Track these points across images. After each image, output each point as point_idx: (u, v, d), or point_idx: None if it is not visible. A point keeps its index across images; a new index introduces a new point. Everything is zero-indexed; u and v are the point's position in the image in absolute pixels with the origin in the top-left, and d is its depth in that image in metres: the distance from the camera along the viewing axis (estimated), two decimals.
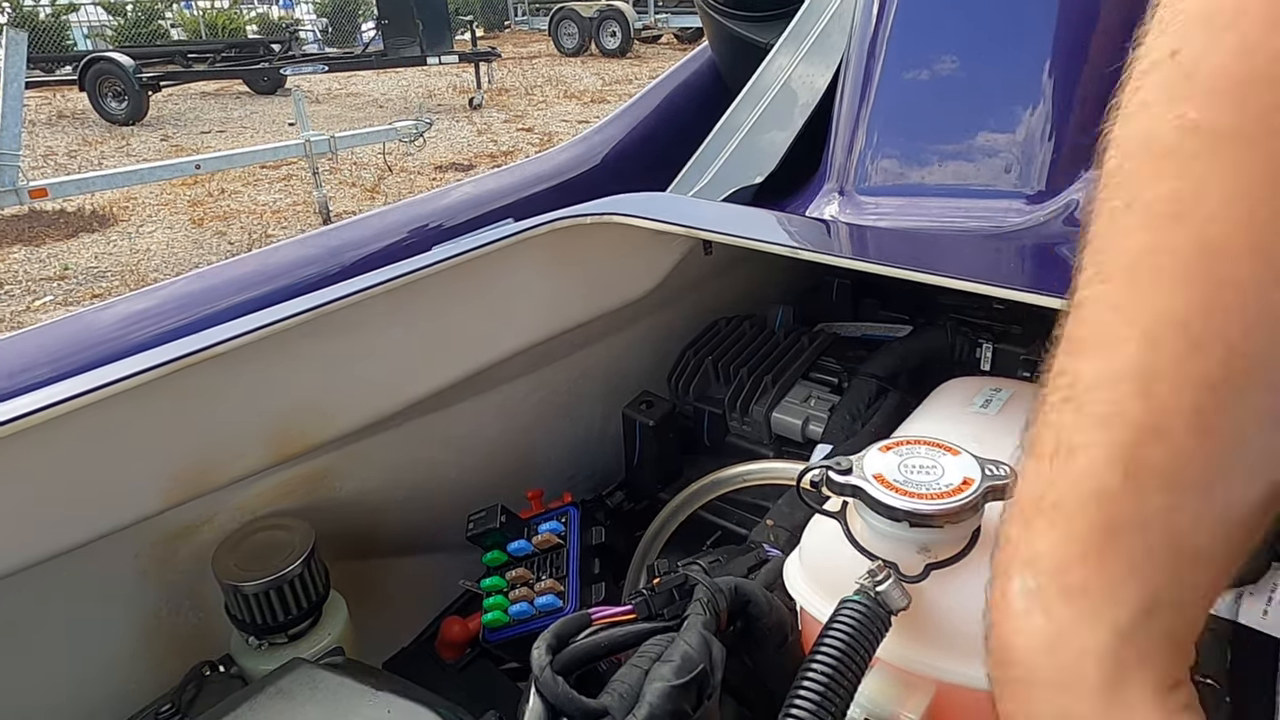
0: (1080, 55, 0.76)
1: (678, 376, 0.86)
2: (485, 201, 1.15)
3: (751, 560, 0.58)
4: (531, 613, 0.66)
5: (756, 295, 1.00)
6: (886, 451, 0.47)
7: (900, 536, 0.44)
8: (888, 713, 0.45)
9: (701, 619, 0.46)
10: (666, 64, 4.64)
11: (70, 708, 0.61)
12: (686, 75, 1.57)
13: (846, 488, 0.45)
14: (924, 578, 0.44)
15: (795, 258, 0.69)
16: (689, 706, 0.42)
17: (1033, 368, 0.75)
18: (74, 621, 0.60)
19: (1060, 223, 0.73)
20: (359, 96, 9.09)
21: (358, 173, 5.94)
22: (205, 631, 0.66)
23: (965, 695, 0.46)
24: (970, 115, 0.81)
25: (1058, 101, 0.76)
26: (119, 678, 0.63)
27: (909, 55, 0.85)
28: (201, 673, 0.59)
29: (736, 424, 0.82)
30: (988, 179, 0.78)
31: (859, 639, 0.40)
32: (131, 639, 0.63)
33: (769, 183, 0.99)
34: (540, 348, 0.81)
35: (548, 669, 0.42)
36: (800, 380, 0.83)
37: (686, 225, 0.71)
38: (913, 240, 0.75)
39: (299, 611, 0.62)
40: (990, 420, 0.58)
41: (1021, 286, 0.56)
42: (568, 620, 0.47)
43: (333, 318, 0.63)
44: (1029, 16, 0.80)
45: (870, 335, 0.91)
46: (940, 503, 0.43)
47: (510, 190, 1.19)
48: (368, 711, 0.41)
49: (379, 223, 1.05)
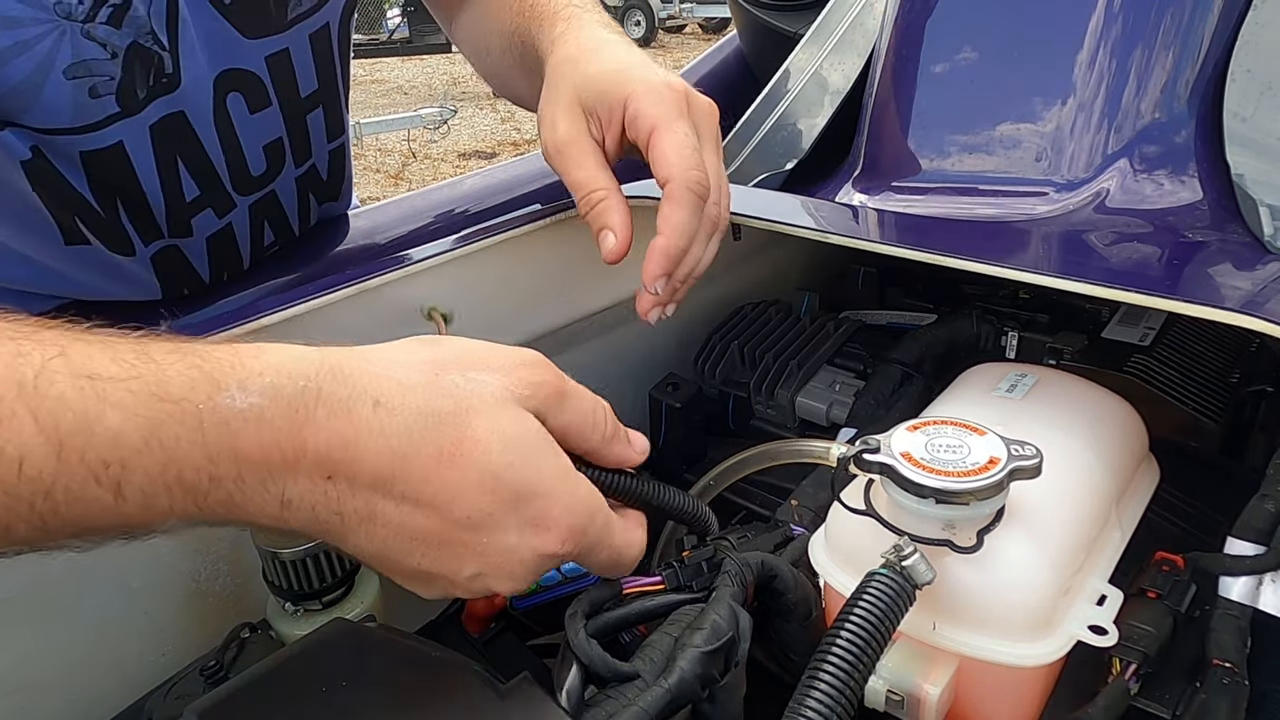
0: (1111, 45, 0.76)
1: (704, 360, 0.87)
2: (511, 187, 1.16)
3: (777, 538, 0.59)
4: (558, 579, 0.67)
5: (782, 282, 1.01)
6: (914, 431, 0.48)
7: (926, 513, 0.46)
8: (910, 684, 0.46)
9: (730, 590, 0.47)
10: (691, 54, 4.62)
11: (117, 666, 0.63)
12: (713, 65, 1.58)
13: (875, 465, 0.46)
14: (979, 547, 0.45)
15: (823, 243, 0.70)
16: (717, 672, 0.44)
17: (1059, 355, 0.75)
18: (121, 586, 0.62)
19: (1090, 210, 0.73)
20: (384, 83, 9.13)
21: (382, 159, 5.98)
22: (242, 597, 0.68)
23: (987, 669, 0.47)
24: (1000, 105, 0.81)
25: (1088, 92, 0.77)
26: (161, 639, 0.65)
27: (941, 46, 0.85)
28: (240, 634, 0.61)
29: (761, 407, 0.83)
30: (1017, 168, 0.79)
31: (883, 611, 0.41)
32: (173, 603, 0.65)
33: (798, 170, 1.00)
34: (569, 329, 0.82)
35: (582, 633, 0.44)
36: (825, 366, 0.84)
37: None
38: (941, 227, 0.76)
39: (334, 579, 0.63)
40: (1016, 404, 0.58)
41: (1050, 272, 0.57)
42: (600, 588, 0.48)
43: (359, 299, 0.65)
44: (1061, 8, 0.80)
45: (895, 323, 0.91)
46: (966, 480, 0.44)
47: (535, 177, 1.20)
48: (409, 665, 0.43)
49: (405, 207, 1.06)
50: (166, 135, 0.69)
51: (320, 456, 0.37)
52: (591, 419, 0.44)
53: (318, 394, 0.37)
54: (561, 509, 0.40)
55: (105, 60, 0.63)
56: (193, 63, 0.68)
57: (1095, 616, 0.48)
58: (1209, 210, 0.72)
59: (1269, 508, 0.53)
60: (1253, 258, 0.65)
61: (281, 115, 0.77)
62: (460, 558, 0.40)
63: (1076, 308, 0.81)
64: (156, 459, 0.35)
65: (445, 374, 0.39)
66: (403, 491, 0.38)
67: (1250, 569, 0.52)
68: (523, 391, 0.41)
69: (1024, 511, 0.48)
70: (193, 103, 0.70)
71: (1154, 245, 0.69)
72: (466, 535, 0.39)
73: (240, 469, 0.36)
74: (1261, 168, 0.71)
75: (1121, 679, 0.49)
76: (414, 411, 0.38)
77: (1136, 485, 0.59)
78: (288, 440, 0.36)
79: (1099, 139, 0.76)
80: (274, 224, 0.85)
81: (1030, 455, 0.46)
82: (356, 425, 0.37)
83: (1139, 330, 0.77)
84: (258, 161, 0.77)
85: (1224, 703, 0.47)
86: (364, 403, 0.37)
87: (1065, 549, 0.49)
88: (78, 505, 0.34)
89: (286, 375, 0.37)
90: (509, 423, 0.39)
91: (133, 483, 0.35)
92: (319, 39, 0.77)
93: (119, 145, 0.67)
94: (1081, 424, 0.57)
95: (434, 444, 0.37)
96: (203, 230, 0.77)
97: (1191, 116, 0.74)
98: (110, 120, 0.65)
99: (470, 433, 0.38)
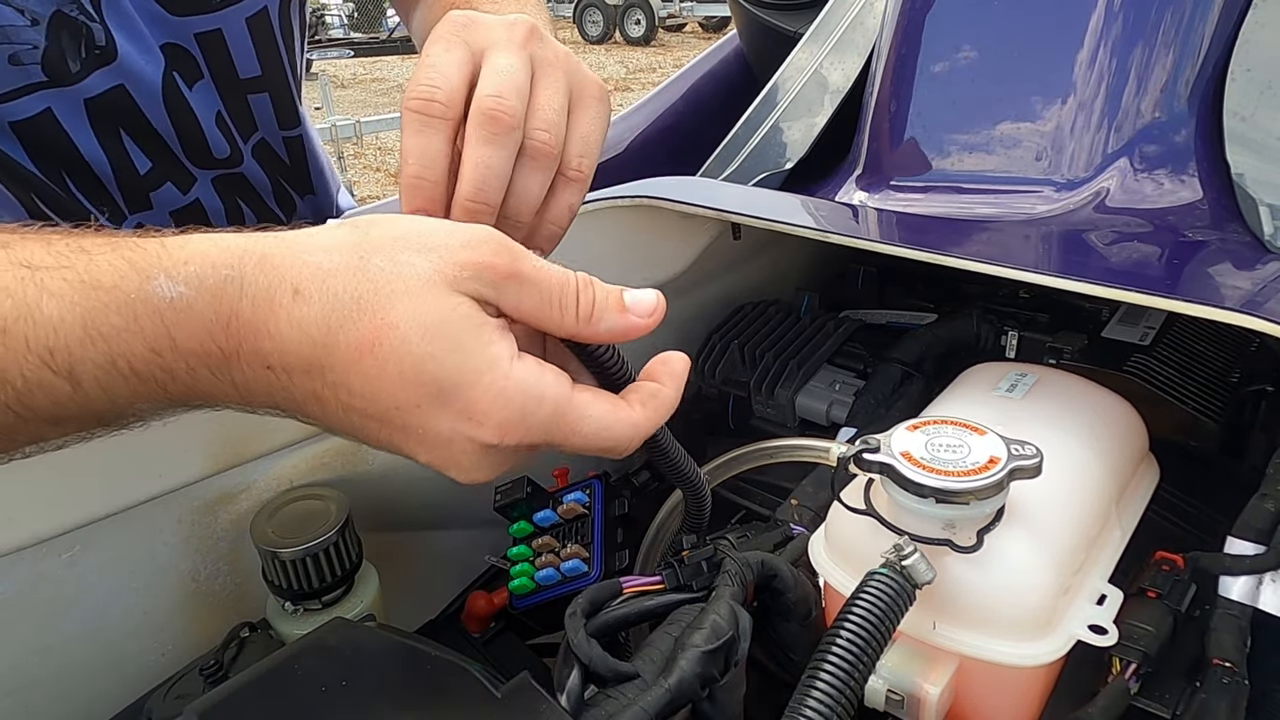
0: (1111, 44, 0.76)
1: (704, 359, 0.87)
2: None
3: (777, 537, 0.59)
4: (558, 578, 0.67)
5: (782, 281, 1.01)
6: (914, 430, 0.48)
7: (926, 513, 0.46)
8: (910, 684, 0.46)
9: (730, 590, 0.47)
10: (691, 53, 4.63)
11: (114, 665, 0.63)
12: (713, 64, 1.58)
13: (875, 464, 0.46)
14: (979, 546, 0.45)
15: (823, 243, 0.70)
16: (717, 672, 0.44)
17: (1059, 355, 0.75)
18: (121, 586, 0.62)
19: (1090, 210, 0.73)
20: (384, 82, 9.13)
21: (382, 158, 5.98)
22: (242, 596, 0.68)
23: (987, 669, 0.47)
24: (1000, 105, 0.81)
25: (1088, 91, 0.77)
26: (160, 638, 0.65)
27: (941, 45, 0.85)
28: (240, 634, 0.61)
29: (761, 407, 0.83)
30: (1017, 167, 0.79)
31: (883, 610, 0.41)
32: (172, 601, 0.65)
33: (798, 170, 1.00)
34: None
35: (581, 632, 0.44)
36: (825, 365, 0.84)
37: (719, 209, 0.72)
38: (941, 226, 0.76)
39: (333, 579, 0.64)
40: (1016, 404, 0.58)
41: (1050, 271, 0.57)
42: (600, 587, 0.48)
43: None
44: (1061, 8, 0.80)
45: (895, 323, 0.91)
46: (966, 480, 0.44)
47: None
48: (409, 665, 0.43)
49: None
50: (105, 107, 0.69)
51: (251, 347, 0.36)
52: (558, 300, 0.40)
53: (240, 284, 0.36)
54: (489, 401, 0.37)
55: (25, 27, 0.62)
56: (129, 35, 0.68)
57: (1095, 616, 0.48)
58: (1209, 210, 0.72)
59: (1269, 507, 0.53)
60: (1253, 257, 0.65)
61: (217, 91, 0.76)
62: (405, 442, 0.38)
63: (1076, 307, 0.81)
64: (101, 351, 0.35)
65: (371, 258, 0.37)
66: (334, 380, 0.37)
67: (1250, 568, 0.52)
68: (456, 274, 0.38)
69: (1024, 511, 0.48)
70: (133, 75, 0.69)
71: (1154, 245, 0.69)
72: (401, 421, 0.37)
73: (187, 361, 0.36)
74: (1261, 167, 0.71)
75: (1121, 678, 0.49)
76: (332, 299, 0.36)
77: (1136, 485, 0.59)
78: (220, 332, 0.36)
79: (1099, 138, 0.76)
80: (250, 203, 0.84)
81: (1030, 455, 0.46)
82: (278, 315, 0.36)
83: (1139, 330, 0.77)
84: (215, 136, 0.77)
85: (1224, 702, 0.47)
86: (284, 291, 0.36)
87: (1065, 548, 0.49)
88: (39, 392, 0.35)
89: (210, 264, 0.36)
90: (432, 309, 0.37)
91: (85, 372, 0.35)
92: (257, 23, 0.77)
93: (48, 113, 0.66)
94: (1081, 424, 0.57)
95: (353, 332, 0.36)
96: (165, 205, 0.77)
97: (1191, 116, 0.74)
98: (34, 88, 0.65)
99: (388, 319, 0.36)
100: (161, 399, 0.37)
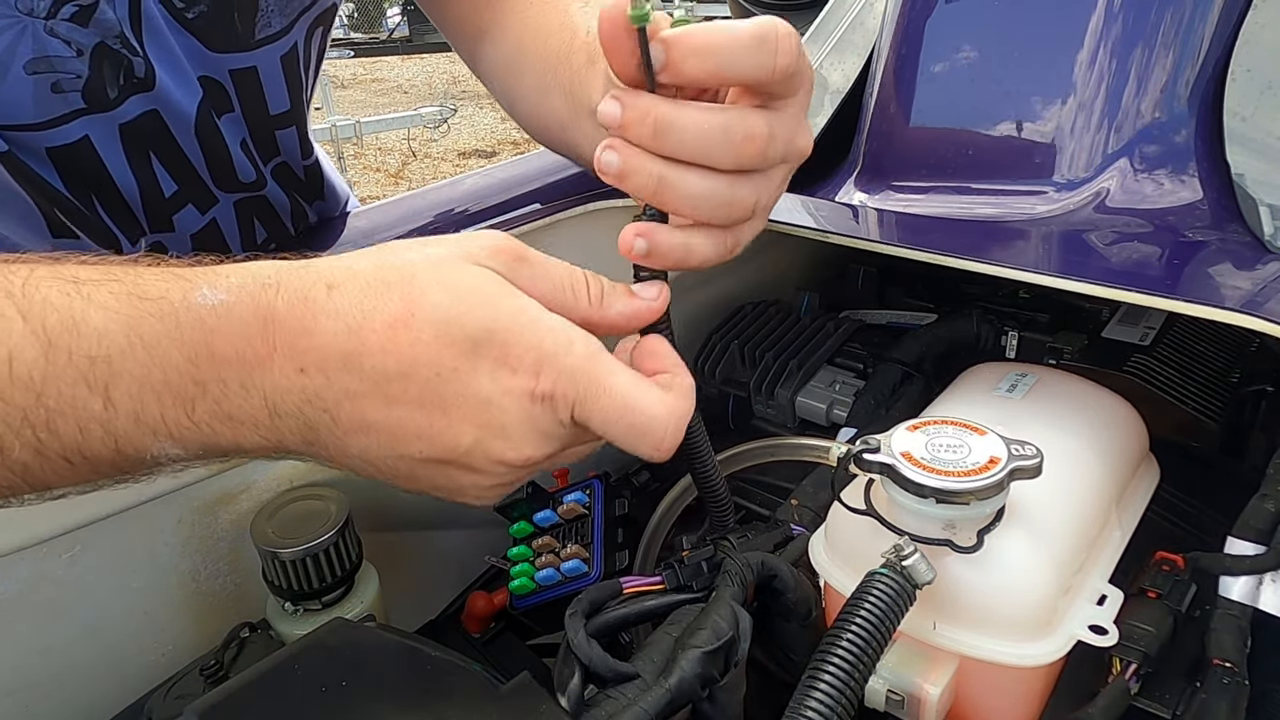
0: (1111, 45, 0.76)
1: (704, 359, 0.87)
2: (510, 186, 1.16)
3: (777, 537, 0.59)
4: (558, 578, 0.67)
5: (782, 282, 1.01)
6: (914, 431, 0.48)
7: (927, 513, 0.46)
8: (910, 684, 0.46)
9: (730, 590, 0.47)
10: None
11: (114, 665, 0.63)
12: None
13: (875, 465, 0.46)
14: (979, 546, 0.45)
15: (823, 243, 0.70)
16: (717, 672, 0.44)
17: (1059, 355, 0.75)
18: (121, 586, 0.62)
19: (1090, 210, 0.73)
20: (384, 82, 9.13)
21: (382, 158, 5.97)
22: (242, 596, 0.68)
23: (987, 669, 0.47)
24: (1000, 105, 0.81)
25: (1088, 91, 0.77)
26: (161, 638, 0.65)
27: (941, 45, 0.85)
28: (240, 634, 0.61)
29: (761, 407, 0.83)
30: (1017, 168, 0.79)
31: (884, 611, 0.41)
32: (172, 602, 0.65)
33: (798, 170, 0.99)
34: None
35: (581, 632, 0.44)
36: (825, 365, 0.84)
37: None
38: (941, 226, 0.76)
39: (334, 579, 0.64)
40: (1016, 404, 0.58)
41: (1050, 272, 0.57)
42: (600, 588, 0.48)
43: None
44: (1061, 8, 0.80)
45: (895, 323, 0.91)
46: (967, 480, 0.44)
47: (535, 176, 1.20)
48: (408, 665, 0.43)
49: (404, 207, 1.06)
50: (139, 130, 0.69)
51: (287, 347, 0.38)
52: (569, 286, 0.43)
53: (277, 287, 0.39)
54: (524, 343, 0.39)
55: (70, 58, 0.63)
56: (169, 68, 0.69)
57: (1095, 616, 0.48)
58: (1209, 210, 0.72)
59: (1269, 507, 0.53)
60: (1253, 257, 0.65)
61: (245, 123, 0.77)
62: (450, 426, 0.39)
63: (1076, 307, 0.82)
64: (140, 359, 0.36)
65: (395, 253, 0.41)
66: (370, 367, 0.38)
67: (1250, 569, 0.52)
68: (476, 253, 0.41)
69: (1024, 511, 0.48)
70: (168, 103, 0.70)
71: (1154, 245, 0.69)
72: (442, 394, 0.39)
73: (220, 370, 0.37)
74: (1261, 167, 0.71)
75: (1121, 679, 0.49)
76: (364, 286, 0.39)
77: (1136, 485, 0.59)
78: (257, 334, 0.38)
79: (1099, 138, 0.76)
80: (266, 222, 0.85)
81: (1030, 455, 0.46)
82: (314, 310, 0.38)
83: (1139, 330, 0.77)
84: (241, 161, 0.78)
85: (1224, 702, 0.47)
86: (319, 287, 0.39)
87: (1065, 549, 0.49)
88: (69, 415, 0.36)
89: (250, 275, 0.39)
90: (458, 277, 0.39)
91: (120, 387, 0.36)
92: (288, 61, 0.78)
93: (85, 140, 0.67)
94: (1081, 424, 0.57)
95: (386, 312, 0.38)
96: (186, 227, 0.78)
97: (1191, 116, 0.74)
98: (74, 115, 0.66)
99: (418, 292, 0.39)
100: (186, 427, 0.38)
